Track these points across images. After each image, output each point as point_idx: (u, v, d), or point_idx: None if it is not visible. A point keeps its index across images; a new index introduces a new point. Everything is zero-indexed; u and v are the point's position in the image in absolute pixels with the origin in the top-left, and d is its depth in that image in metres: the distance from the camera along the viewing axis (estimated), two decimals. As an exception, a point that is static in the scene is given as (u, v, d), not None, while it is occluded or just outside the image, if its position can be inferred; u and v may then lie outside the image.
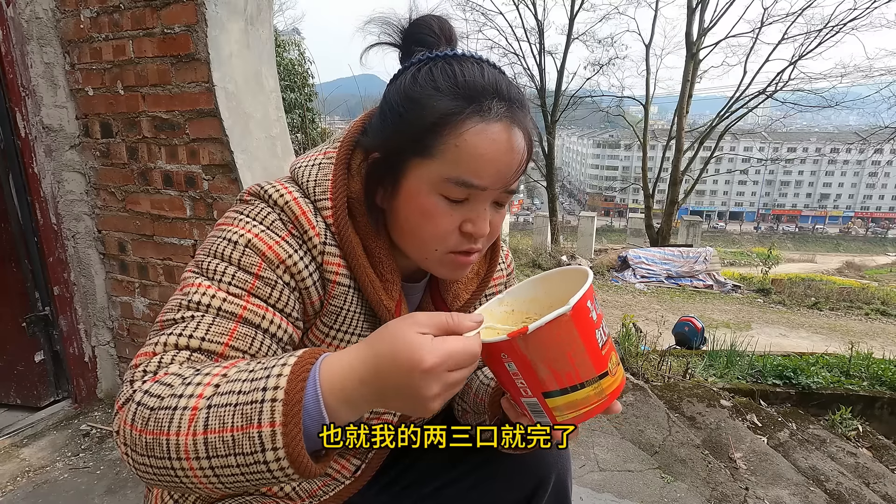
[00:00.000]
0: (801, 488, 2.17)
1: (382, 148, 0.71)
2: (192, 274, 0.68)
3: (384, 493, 0.92)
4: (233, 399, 0.52)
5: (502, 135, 0.66)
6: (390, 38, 0.75)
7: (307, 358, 0.54)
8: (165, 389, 0.55)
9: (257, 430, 0.50)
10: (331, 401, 0.53)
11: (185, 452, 0.52)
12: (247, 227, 0.69)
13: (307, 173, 0.74)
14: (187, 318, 0.63)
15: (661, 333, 4.98)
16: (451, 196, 0.67)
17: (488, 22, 19.20)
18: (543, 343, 0.56)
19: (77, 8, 1.89)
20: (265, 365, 0.54)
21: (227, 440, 0.51)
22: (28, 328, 2.09)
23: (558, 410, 0.60)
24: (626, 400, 2.63)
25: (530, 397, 0.60)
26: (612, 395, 0.60)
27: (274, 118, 2.03)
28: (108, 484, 1.81)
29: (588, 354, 0.57)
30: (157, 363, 0.59)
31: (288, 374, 0.52)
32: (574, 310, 0.55)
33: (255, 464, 0.51)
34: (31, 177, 2.03)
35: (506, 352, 0.58)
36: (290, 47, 7.48)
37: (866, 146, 19.16)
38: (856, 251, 48.37)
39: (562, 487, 0.92)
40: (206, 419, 0.52)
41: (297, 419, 0.50)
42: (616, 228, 53.94)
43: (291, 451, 0.50)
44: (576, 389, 0.58)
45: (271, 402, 0.50)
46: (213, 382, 0.54)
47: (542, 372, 0.57)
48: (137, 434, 0.53)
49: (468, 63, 0.68)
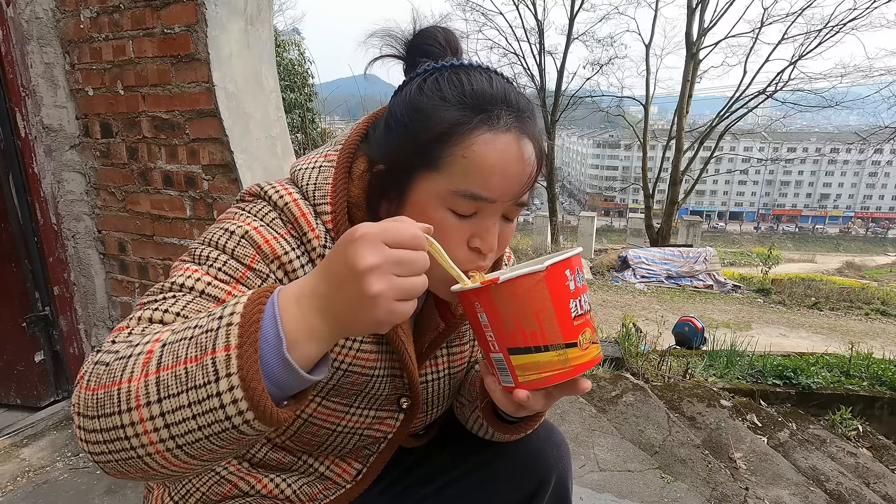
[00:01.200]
0: (801, 488, 2.17)
1: (387, 160, 0.69)
2: (182, 261, 0.66)
3: (385, 494, 0.92)
4: (188, 333, 0.50)
5: (512, 145, 0.64)
6: (394, 50, 0.74)
7: (266, 287, 0.52)
8: (124, 345, 0.53)
9: (211, 357, 0.47)
10: (286, 319, 0.49)
11: (136, 398, 0.47)
12: (246, 220, 0.68)
13: (307, 176, 0.72)
14: (168, 298, 0.61)
15: (661, 333, 4.98)
16: (459, 210, 0.66)
17: (488, 22, 19.26)
18: (514, 295, 0.57)
19: (77, 8, 1.89)
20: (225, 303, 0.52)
21: (179, 374, 0.47)
22: (28, 328, 2.09)
23: (521, 370, 0.61)
24: (626, 400, 2.63)
25: (497, 352, 0.62)
26: (577, 367, 0.60)
27: (274, 118, 2.03)
28: (108, 484, 1.81)
29: (557, 319, 0.58)
30: (127, 333, 0.56)
31: (245, 301, 0.50)
32: (548, 270, 0.57)
33: (209, 398, 0.46)
34: (31, 177, 2.03)
35: (479, 300, 0.59)
36: (290, 47, 7.49)
37: (866, 146, 19.15)
38: (856, 251, 48.35)
39: (562, 488, 0.92)
40: (160, 357, 0.49)
41: (252, 339, 0.47)
42: (616, 228, 53.96)
43: (245, 376, 0.46)
44: (539, 350, 0.59)
45: (227, 326, 0.48)
46: (172, 328, 0.52)
47: (509, 325, 0.59)
48: (90, 394, 0.49)
49: (475, 73, 0.67)
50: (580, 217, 16.27)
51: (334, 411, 0.76)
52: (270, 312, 0.50)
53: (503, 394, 0.65)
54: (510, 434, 0.84)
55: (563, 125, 23.74)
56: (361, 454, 0.86)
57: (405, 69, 0.74)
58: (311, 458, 0.84)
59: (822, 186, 71.06)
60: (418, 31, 0.73)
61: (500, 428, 0.83)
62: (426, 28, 0.73)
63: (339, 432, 0.79)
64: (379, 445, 0.86)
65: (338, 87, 8.51)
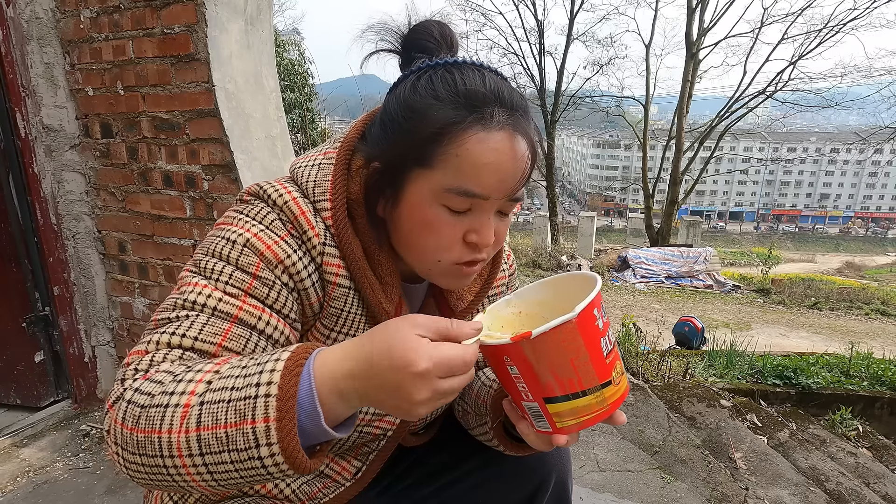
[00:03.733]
0: (801, 488, 2.17)
1: (382, 158, 0.69)
2: (189, 273, 0.67)
3: (385, 495, 0.92)
4: (225, 395, 0.51)
5: (505, 143, 0.64)
6: (390, 44, 0.74)
7: (301, 352, 0.53)
8: (156, 387, 0.54)
9: (251, 426, 0.49)
10: (325, 394, 0.52)
11: (178, 450, 0.51)
12: (246, 226, 0.68)
13: (307, 173, 0.73)
14: (182, 318, 0.62)
15: (661, 333, 4.98)
16: (453, 207, 0.66)
17: (488, 22, 19.30)
18: (547, 348, 0.55)
19: (77, 8, 1.89)
20: (258, 360, 0.53)
21: (220, 437, 0.50)
22: (28, 328, 2.09)
23: (558, 416, 0.60)
24: (626, 400, 2.63)
25: (531, 401, 0.60)
26: (614, 404, 0.60)
27: (274, 118, 2.03)
28: (108, 484, 1.81)
29: (592, 362, 0.57)
30: (149, 361, 0.58)
31: (281, 368, 0.51)
32: (580, 317, 0.55)
33: (250, 459, 0.50)
34: (31, 177, 2.03)
35: (508, 355, 0.57)
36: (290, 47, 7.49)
37: (866, 146, 19.17)
38: (856, 251, 48.37)
39: (562, 488, 0.92)
40: (199, 416, 0.51)
41: (291, 414, 0.50)
42: (616, 228, 53.98)
43: (286, 447, 0.49)
44: (577, 397, 0.58)
45: (265, 397, 0.50)
46: (205, 379, 0.53)
47: (545, 377, 0.57)
48: (129, 433, 0.53)
49: (469, 70, 0.67)
50: (580, 217, 16.25)
51: None
52: (307, 386, 0.52)
53: (537, 437, 0.66)
54: (524, 452, 0.83)
55: (563, 125, 23.76)
56: (361, 452, 0.86)
57: (401, 64, 0.74)
58: (310, 456, 0.84)
59: (822, 186, 71.03)
60: (413, 26, 0.73)
61: (514, 448, 0.82)
62: (421, 22, 0.73)
63: None
64: (378, 443, 0.86)
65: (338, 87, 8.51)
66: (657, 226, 16.58)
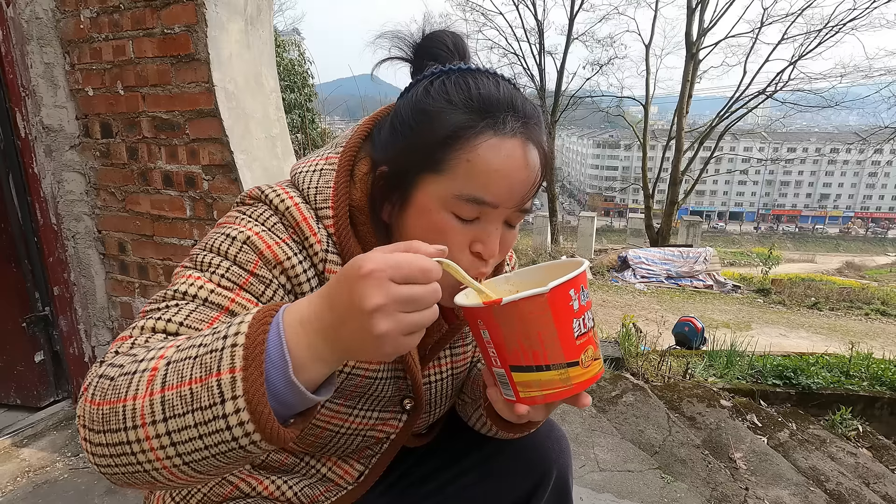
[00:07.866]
0: (801, 488, 2.17)
1: (391, 162, 0.68)
2: (184, 268, 0.66)
3: (386, 495, 0.92)
4: (193, 352, 0.49)
5: (517, 151, 0.64)
6: (402, 52, 0.74)
7: (270, 307, 0.51)
8: (128, 359, 0.52)
9: (216, 378, 0.46)
10: (293, 343, 0.49)
11: (142, 417, 0.47)
12: (247, 225, 0.67)
13: (308, 179, 0.71)
14: (171, 306, 0.60)
15: (661, 333, 4.98)
16: (461, 214, 0.65)
17: (488, 22, 19.28)
18: (516, 317, 0.57)
19: (77, 8, 1.89)
20: (229, 321, 0.51)
21: (184, 395, 0.47)
22: (28, 328, 2.09)
23: (522, 386, 0.61)
24: (626, 400, 2.63)
25: (499, 367, 0.62)
26: (578, 385, 0.60)
27: (274, 118, 2.03)
28: (108, 484, 1.81)
29: (560, 339, 0.58)
30: (130, 344, 0.56)
31: (249, 320, 0.49)
32: (552, 293, 0.56)
33: (214, 420, 0.46)
34: (31, 177, 2.03)
35: (482, 318, 0.59)
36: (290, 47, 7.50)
37: (866, 146, 19.17)
38: (856, 251, 48.34)
39: (563, 483, 0.93)
40: (165, 376, 0.48)
41: (258, 361, 0.47)
42: (616, 228, 53.94)
43: (251, 399, 0.46)
44: (541, 370, 0.59)
45: (231, 347, 0.47)
46: (176, 344, 0.51)
47: (511, 344, 0.59)
48: (95, 408, 0.49)
49: (483, 77, 0.66)
50: (580, 217, 16.26)
51: (338, 413, 0.76)
52: (275, 333, 0.49)
53: (505, 404, 0.66)
54: (514, 432, 0.84)
55: (563, 125, 23.76)
56: (364, 455, 0.86)
57: (412, 72, 0.74)
58: (313, 459, 0.84)
59: (822, 186, 71.03)
60: (427, 35, 0.73)
61: (504, 427, 0.83)
62: (435, 32, 0.73)
63: (342, 434, 0.79)
64: (382, 446, 0.86)
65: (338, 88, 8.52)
66: (657, 226, 16.58)
